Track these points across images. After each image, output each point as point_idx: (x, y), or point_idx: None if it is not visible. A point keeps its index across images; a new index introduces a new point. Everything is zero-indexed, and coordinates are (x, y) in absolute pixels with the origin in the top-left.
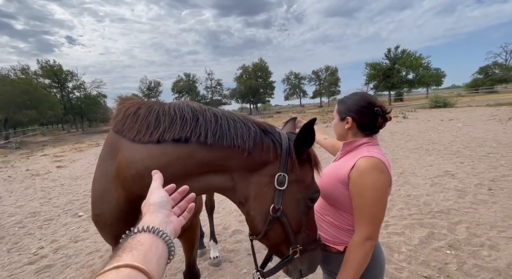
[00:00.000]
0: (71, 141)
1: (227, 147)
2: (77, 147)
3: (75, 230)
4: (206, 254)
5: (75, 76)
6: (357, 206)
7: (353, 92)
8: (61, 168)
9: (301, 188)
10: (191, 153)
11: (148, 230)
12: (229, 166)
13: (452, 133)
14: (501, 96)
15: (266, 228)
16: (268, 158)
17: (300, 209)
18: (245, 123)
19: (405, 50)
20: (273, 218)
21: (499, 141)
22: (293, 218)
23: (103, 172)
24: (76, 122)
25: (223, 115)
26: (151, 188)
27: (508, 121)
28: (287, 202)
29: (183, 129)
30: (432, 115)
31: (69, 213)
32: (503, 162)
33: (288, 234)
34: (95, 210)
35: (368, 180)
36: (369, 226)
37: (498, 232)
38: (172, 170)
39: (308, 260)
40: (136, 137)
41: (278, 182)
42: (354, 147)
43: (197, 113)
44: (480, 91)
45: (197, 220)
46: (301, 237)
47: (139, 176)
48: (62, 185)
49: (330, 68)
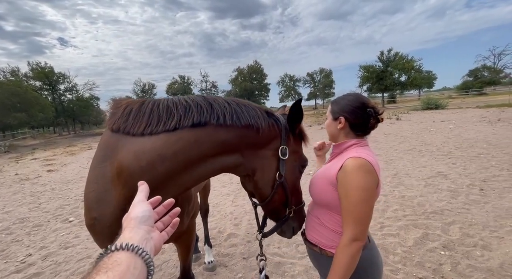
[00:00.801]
0: (63, 145)
1: (242, 127)
2: (68, 151)
3: (65, 236)
4: (201, 259)
5: (67, 78)
6: (344, 206)
7: (347, 93)
8: (52, 172)
9: (296, 157)
10: (209, 134)
11: (126, 248)
12: (242, 144)
13: (444, 134)
14: (490, 98)
15: (273, 192)
16: (273, 134)
17: (295, 175)
18: (252, 107)
19: (398, 53)
20: (279, 183)
21: (489, 142)
22: (291, 183)
23: (99, 174)
24: (68, 125)
25: (232, 101)
26: (134, 201)
27: (498, 122)
28: (288, 169)
29: (200, 114)
30: (424, 116)
31: (59, 218)
32: (493, 162)
33: (288, 196)
34: (92, 214)
35: (354, 180)
36: (356, 227)
37: (490, 232)
38: (188, 154)
39: (298, 218)
40: (145, 130)
41: (282, 153)
42: (343, 148)
43: (208, 100)
44: (470, 93)
45: (194, 224)
46: (294, 199)
47: (150, 166)
48: (53, 189)
49: (324, 70)
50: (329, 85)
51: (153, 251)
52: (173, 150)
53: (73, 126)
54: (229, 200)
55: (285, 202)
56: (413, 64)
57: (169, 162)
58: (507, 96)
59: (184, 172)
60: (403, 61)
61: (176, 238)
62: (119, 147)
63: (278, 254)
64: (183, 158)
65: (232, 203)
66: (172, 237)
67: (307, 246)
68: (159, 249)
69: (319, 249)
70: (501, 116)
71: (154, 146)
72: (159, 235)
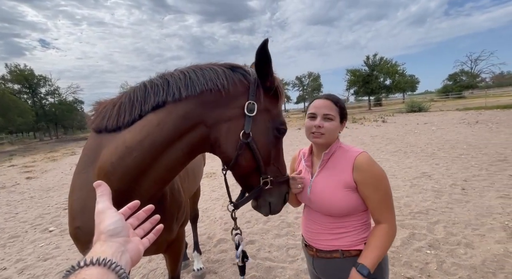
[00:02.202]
0: (44, 150)
1: (200, 94)
2: (50, 156)
3: (44, 247)
4: (189, 266)
5: (48, 81)
6: (377, 199)
7: (326, 93)
8: (31, 180)
9: (269, 117)
10: (169, 113)
11: (97, 263)
12: (204, 114)
13: (428, 136)
14: (468, 101)
15: (237, 153)
16: (239, 91)
17: (269, 138)
18: (212, 68)
19: (383, 57)
20: (243, 143)
21: (469, 143)
22: (262, 146)
23: (83, 180)
24: (50, 129)
25: (190, 68)
26: (99, 208)
27: (476, 124)
28: (257, 129)
29: (157, 94)
30: (409, 119)
31: (38, 228)
32: (473, 162)
33: (258, 161)
34: (76, 223)
35: (377, 173)
36: (392, 214)
37: (472, 230)
38: (153, 139)
39: (277, 192)
40: (118, 125)
41: (248, 109)
42: (332, 152)
43: (165, 77)
44: (450, 97)
45: (183, 232)
46: (271, 170)
47: (119, 160)
48: (32, 197)
49: (312, 74)
50: (318, 88)
51: (129, 264)
52: (139, 139)
53: (55, 131)
54: (218, 205)
55: (256, 167)
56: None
57: (136, 152)
58: (483, 99)
59: (154, 161)
60: (387, 65)
61: (165, 248)
62: (101, 148)
63: (268, 259)
64: (148, 145)
65: (222, 207)
66: (161, 246)
67: (320, 256)
68: (136, 261)
69: (341, 253)
70: (478, 118)
71: (124, 139)
72: (137, 245)
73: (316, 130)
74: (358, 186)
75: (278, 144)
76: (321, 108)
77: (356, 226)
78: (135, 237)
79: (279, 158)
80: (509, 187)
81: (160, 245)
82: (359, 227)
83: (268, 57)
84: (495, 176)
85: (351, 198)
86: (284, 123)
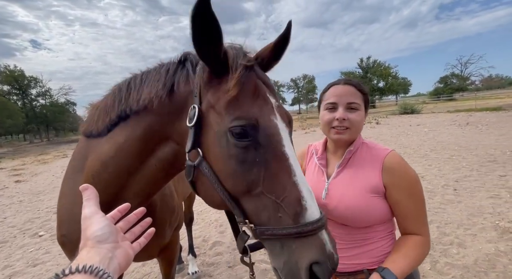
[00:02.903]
0: (34, 153)
1: (150, 104)
2: (40, 159)
3: (34, 252)
4: (184, 269)
5: (39, 82)
6: (411, 207)
7: (344, 78)
8: (20, 183)
9: (217, 116)
10: (132, 128)
11: (84, 270)
12: (165, 127)
13: (420, 138)
14: (459, 103)
15: (189, 180)
16: (186, 93)
17: (224, 151)
18: (160, 65)
19: (376, 60)
20: (190, 167)
21: (460, 144)
22: (219, 168)
23: (71, 186)
24: (41, 131)
25: (151, 69)
26: (85, 213)
27: (466, 126)
28: (205, 142)
29: (120, 103)
30: (402, 120)
31: (27, 233)
32: (464, 163)
33: (220, 194)
34: (62, 230)
35: (411, 175)
36: (427, 224)
37: (464, 230)
38: (125, 156)
39: (277, 255)
40: (99, 130)
41: (189, 118)
42: (355, 148)
43: (131, 80)
44: (441, 99)
45: (177, 236)
46: (256, 205)
47: (97, 173)
48: (21, 201)
49: (307, 76)
50: (312, 90)
51: (118, 271)
52: (111, 154)
53: (46, 133)
54: None
55: (220, 199)
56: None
57: (111, 168)
58: (473, 102)
59: (131, 177)
60: (381, 68)
61: (158, 252)
62: (89, 154)
63: (264, 261)
64: (120, 162)
65: (217, 210)
66: (153, 252)
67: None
68: (125, 267)
69: (367, 274)
70: (469, 120)
71: (100, 151)
72: (126, 250)
73: (339, 123)
74: (387, 190)
75: (254, 156)
76: (343, 96)
77: (382, 237)
78: (124, 241)
79: (275, 181)
80: (499, 187)
81: (153, 251)
82: (385, 238)
83: (214, 22)
84: (485, 177)
85: (379, 205)
86: (243, 116)
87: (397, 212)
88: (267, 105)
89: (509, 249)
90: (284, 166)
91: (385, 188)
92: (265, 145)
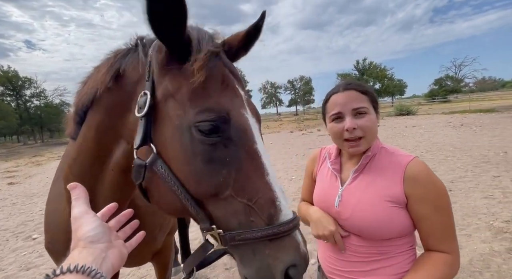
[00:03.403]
0: (28, 154)
1: (99, 97)
2: (34, 161)
3: (27, 255)
4: (181, 272)
5: (33, 83)
6: (439, 222)
7: (344, 82)
8: (14, 185)
9: (177, 106)
10: (87, 126)
11: (75, 270)
12: (115, 123)
13: (416, 139)
14: (453, 105)
15: (137, 184)
16: (134, 78)
17: (186, 148)
18: (110, 53)
19: (372, 62)
20: (138, 167)
21: (455, 146)
22: (179, 167)
23: (57, 191)
24: (35, 133)
25: (105, 57)
26: (75, 213)
27: (461, 127)
28: (161, 137)
29: (76, 98)
30: (398, 122)
31: (20, 236)
32: (459, 164)
33: (180, 198)
34: (47, 237)
35: (438, 186)
36: (456, 240)
37: (459, 230)
38: (83, 160)
39: (248, 261)
40: (73, 132)
41: (138, 107)
42: (373, 153)
43: (88, 75)
44: (436, 101)
45: (171, 241)
46: (224, 209)
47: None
48: (14, 204)
49: (304, 78)
50: (309, 92)
51: (111, 271)
52: (74, 156)
53: (41, 134)
54: None
55: (185, 210)
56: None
57: (76, 171)
58: (467, 104)
59: (97, 182)
60: (377, 70)
61: (151, 257)
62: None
63: None
64: (81, 165)
65: None
66: (146, 257)
67: None
68: (119, 267)
69: None
70: (463, 122)
71: (69, 151)
72: (119, 249)
73: (350, 134)
74: (410, 202)
75: (224, 154)
76: (347, 104)
77: (401, 252)
78: (118, 240)
79: (247, 182)
80: (492, 188)
81: (144, 256)
82: (405, 253)
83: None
84: (479, 177)
85: (398, 216)
86: (211, 108)
87: (421, 227)
88: (237, 98)
89: (503, 249)
90: (257, 165)
91: (408, 199)
92: (236, 141)
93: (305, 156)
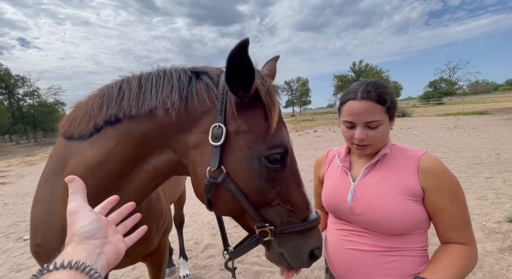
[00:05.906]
0: (21, 154)
1: (150, 113)
2: (27, 161)
3: (18, 256)
4: (175, 273)
5: (27, 81)
6: (456, 214)
7: (362, 87)
8: (5, 185)
9: (250, 141)
10: (126, 134)
11: (69, 266)
12: (167, 137)
13: (411, 140)
14: (448, 107)
15: (207, 197)
16: (203, 108)
17: (254, 172)
18: (172, 74)
19: (368, 64)
20: (211, 184)
21: (449, 147)
22: (245, 185)
23: (47, 191)
24: (28, 132)
25: (150, 75)
26: (70, 207)
27: (455, 129)
28: (233, 161)
29: (109, 107)
30: None
31: (11, 237)
32: (452, 166)
33: (243, 205)
34: (37, 240)
35: (453, 178)
36: (473, 233)
37: None
38: (114, 163)
39: (293, 245)
40: (81, 133)
41: (212, 137)
42: (385, 151)
43: (123, 84)
44: (431, 103)
45: (166, 241)
46: (276, 213)
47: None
48: (5, 204)
49: (301, 79)
50: (306, 93)
51: (105, 267)
52: (99, 160)
53: (34, 134)
54: (206, 209)
55: (243, 214)
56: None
57: (99, 174)
58: (461, 106)
59: (122, 181)
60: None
61: (145, 257)
62: (69, 157)
63: (257, 263)
64: (110, 167)
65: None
66: (139, 256)
67: None
68: (114, 263)
69: None
70: (457, 124)
71: (85, 156)
72: (115, 245)
73: (359, 142)
74: (428, 195)
75: (276, 177)
76: (360, 116)
77: (415, 249)
78: (116, 234)
79: (291, 194)
80: (485, 189)
81: (138, 256)
82: (419, 252)
83: (247, 61)
84: (472, 179)
85: (414, 210)
86: (279, 145)
87: (441, 220)
88: (286, 129)
89: (495, 249)
90: (297, 181)
91: (424, 192)
92: (288, 165)
93: (301, 157)
